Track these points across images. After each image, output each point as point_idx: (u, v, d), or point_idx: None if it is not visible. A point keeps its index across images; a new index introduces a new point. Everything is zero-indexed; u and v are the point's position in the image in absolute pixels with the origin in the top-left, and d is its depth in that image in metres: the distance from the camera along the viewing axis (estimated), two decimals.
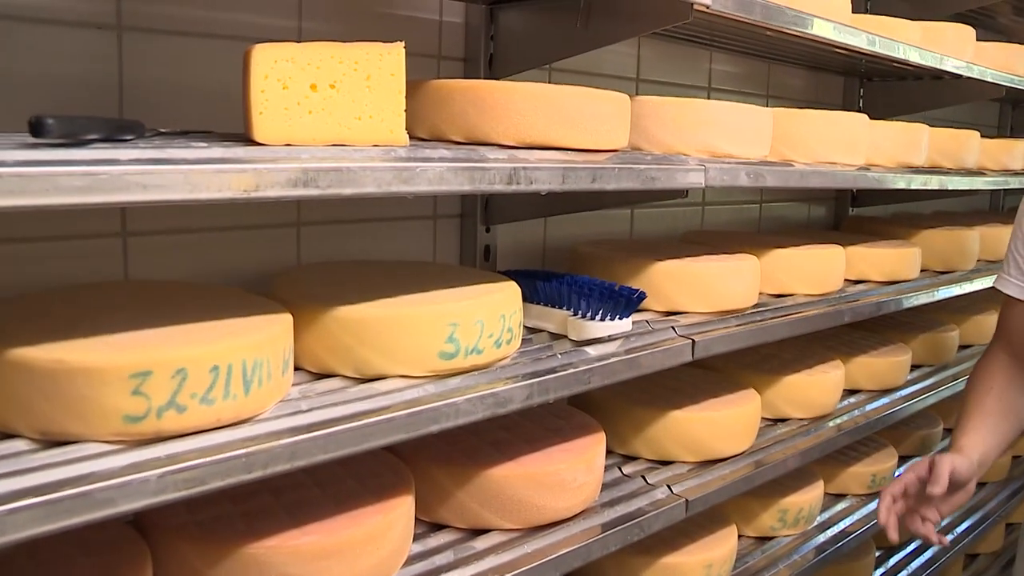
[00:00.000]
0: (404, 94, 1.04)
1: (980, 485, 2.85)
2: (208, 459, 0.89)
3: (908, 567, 2.48)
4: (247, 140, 0.99)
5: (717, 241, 1.98)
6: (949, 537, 2.56)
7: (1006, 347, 1.75)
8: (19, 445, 0.88)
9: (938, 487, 1.52)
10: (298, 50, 0.97)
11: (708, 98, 2.28)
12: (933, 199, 2.96)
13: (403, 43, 1.03)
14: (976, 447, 1.62)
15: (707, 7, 1.38)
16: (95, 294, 1.12)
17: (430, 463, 1.34)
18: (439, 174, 1.02)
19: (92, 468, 0.84)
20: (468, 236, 1.74)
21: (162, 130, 1.08)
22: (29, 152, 0.78)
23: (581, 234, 1.96)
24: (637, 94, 2.05)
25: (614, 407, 1.70)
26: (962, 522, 2.69)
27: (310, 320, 1.12)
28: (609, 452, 1.66)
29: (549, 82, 1.79)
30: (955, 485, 1.57)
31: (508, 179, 1.10)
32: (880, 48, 1.94)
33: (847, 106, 2.73)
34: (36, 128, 0.79)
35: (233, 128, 1.14)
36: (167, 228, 1.34)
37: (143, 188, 0.80)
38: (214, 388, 0.93)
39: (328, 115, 0.99)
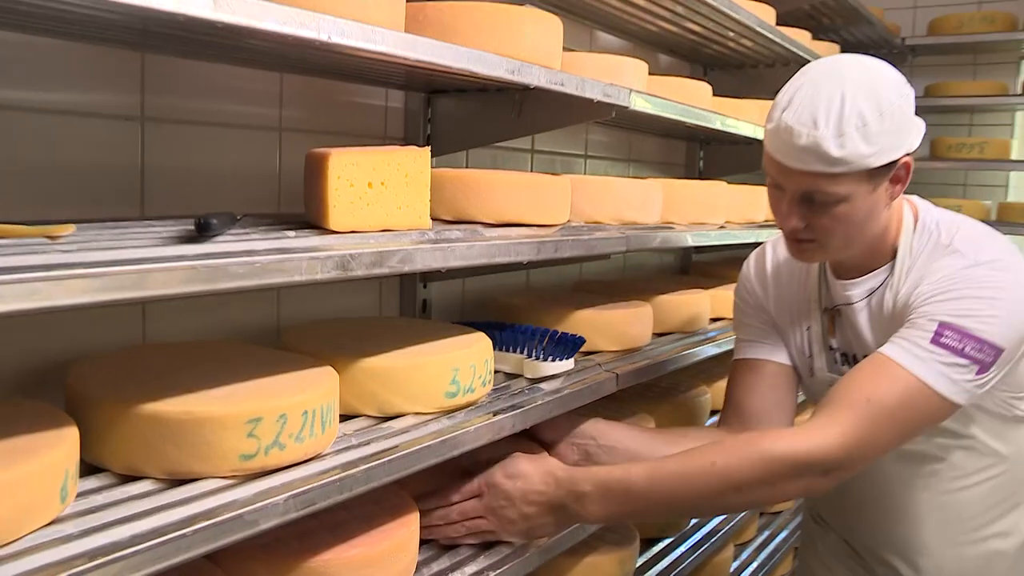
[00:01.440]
0: (429, 187, 1.31)
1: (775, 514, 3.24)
2: (314, 484, 1.11)
3: None
4: (321, 228, 1.23)
5: (605, 289, 2.31)
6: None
7: (728, 415, 1.79)
8: (148, 485, 1.08)
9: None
10: (360, 155, 1.22)
11: (585, 163, 2.63)
12: None
13: (429, 148, 1.30)
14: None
15: (626, 107, 1.72)
16: (163, 354, 1.31)
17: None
18: (463, 251, 1.30)
19: (229, 498, 1.05)
20: (408, 292, 1.99)
21: (238, 216, 1.28)
22: (190, 247, 1.00)
23: (487, 288, 2.24)
24: (532, 163, 2.37)
25: None
26: (758, 554, 3.02)
27: (341, 371, 1.36)
28: None
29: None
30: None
31: (508, 253, 1.38)
32: (721, 126, 2.36)
33: (690, 166, 3.16)
34: (203, 226, 1.00)
35: (234, 203, 1.35)
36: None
37: (279, 273, 1.03)
38: (303, 429, 1.15)
39: (380, 207, 1.25)
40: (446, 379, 1.41)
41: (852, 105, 1.40)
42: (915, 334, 1.44)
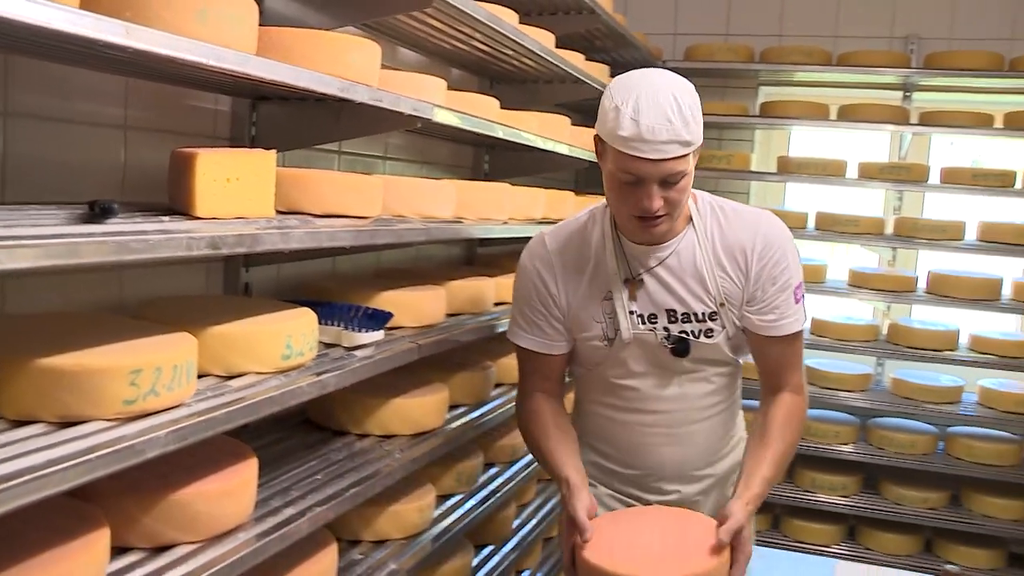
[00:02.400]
0: (274, 183, 1.59)
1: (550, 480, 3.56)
2: (186, 423, 1.37)
3: None
4: (188, 215, 1.48)
5: (403, 276, 2.63)
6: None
7: (542, 386, 2.15)
8: (43, 428, 1.30)
9: (588, 533, 1.84)
10: (221, 155, 1.48)
11: (384, 164, 2.94)
12: None
13: (275, 151, 1.58)
14: (581, 471, 2.00)
15: (431, 119, 2.05)
16: (42, 321, 1.52)
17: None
18: (300, 235, 1.58)
19: (119, 434, 1.29)
20: (232, 276, 2.23)
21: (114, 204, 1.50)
22: (95, 227, 1.24)
23: (298, 274, 2.50)
24: (339, 164, 2.66)
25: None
26: (536, 513, 3.39)
27: (194, 336, 1.61)
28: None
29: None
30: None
31: (335, 239, 1.68)
32: (503, 135, 2.73)
33: (476, 168, 3.53)
34: (105, 210, 1.25)
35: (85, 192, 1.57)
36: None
37: (166, 248, 1.29)
38: (173, 380, 1.41)
39: (235, 198, 1.52)
40: (282, 343, 1.69)
41: (682, 100, 1.82)
42: (786, 302, 2.02)
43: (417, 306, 2.29)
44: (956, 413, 4.58)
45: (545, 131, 3.05)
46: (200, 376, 1.61)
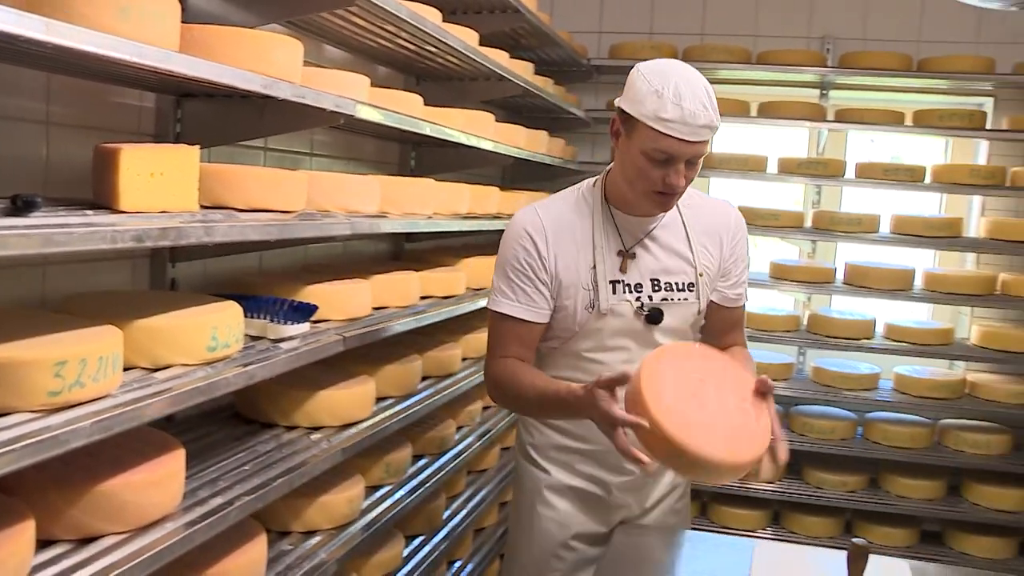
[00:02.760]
0: (198, 178, 1.61)
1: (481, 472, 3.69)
2: (111, 414, 1.39)
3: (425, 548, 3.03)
4: (112, 209, 1.50)
5: (330, 271, 2.66)
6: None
7: (516, 352, 2.19)
8: None
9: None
10: (144, 150, 1.51)
11: (311, 161, 2.96)
12: (467, 236, 3.91)
13: (198, 146, 1.61)
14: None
15: (353, 116, 2.09)
16: None
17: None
18: (225, 229, 1.61)
19: (43, 424, 1.32)
20: (158, 271, 2.24)
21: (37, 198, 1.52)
22: (18, 219, 1.26)
23: (225, 269, 2.52)
24: (265, 159, 2.68)
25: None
26: (466, 504, 3.46)
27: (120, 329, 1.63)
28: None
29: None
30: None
31: (259, 232, 1.71)
32: (431, 131, 2.78)
33: (403, 165, 3.57)
34: (28, 204, 1.27)
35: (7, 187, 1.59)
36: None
37: (90, 241, 1.31)
38: (99, 371, 1.43)
39: (159, 192, 1.54)
40: (207, 336, 1.71)
41: (709, 90, 2.01)
42: (745, 278, 2.33)
43: (343, 299, 2.33)
44: (873, 399, 4.75)
45: (470, 128, 3.10)
46: (126, 369, 1.63)
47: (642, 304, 2.18)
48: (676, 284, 2.22)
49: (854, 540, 2.00)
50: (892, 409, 4.87)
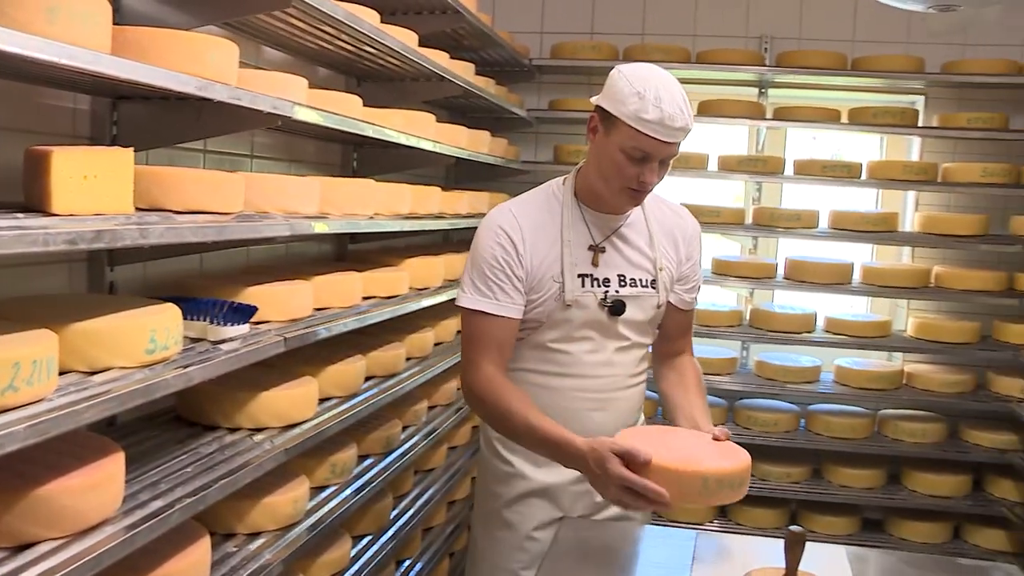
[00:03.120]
0: (132, 180, 1.61)
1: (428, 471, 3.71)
2: (47, 417, 1.39)
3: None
4: (44, 212, 1.50)
5: (271, 272, 2.66)
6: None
7: (494, 358, 2.24)
8: None
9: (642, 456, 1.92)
10: (77, 152, 1.50)
11: (251, 163, 2.95)
12: (411, 236, 3.92)
13: (132, 148, 1.60)
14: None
15: (290, 117, 2.10)
16: None
17: None
18: (161, 231, 1.62)
19: None
20: (96, 275, 2.22)
21: None
22: None
23: (166, 272, 2.50)
24: (205, 162, 2.67)
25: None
26: (414, 503, 3.46)
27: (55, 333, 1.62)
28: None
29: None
30: None
31: (196, 234, 1.71)
32: (372, 133, 2.79)
33: (344, 166, 3.57)
34: None
35: None
36: None
37: (20, 244, 1.31)
38: (33, 375, 1.42)
39: (93, 195, 1.54)
40: (145, 338, 1.71)
41: (684, 94, 2.13)
42: (697, 280, 2.46)
43: (283, 300, 2.33)
44: (815, 391, 4.86)
45: (410, 128, 3.11)
46: (63, 373, 1.62)
47: (606, 296, 2.27)
48: (640, 280, 2.33)
49: (791, 528, 2.05)
50: (833, 401, 4.98)
